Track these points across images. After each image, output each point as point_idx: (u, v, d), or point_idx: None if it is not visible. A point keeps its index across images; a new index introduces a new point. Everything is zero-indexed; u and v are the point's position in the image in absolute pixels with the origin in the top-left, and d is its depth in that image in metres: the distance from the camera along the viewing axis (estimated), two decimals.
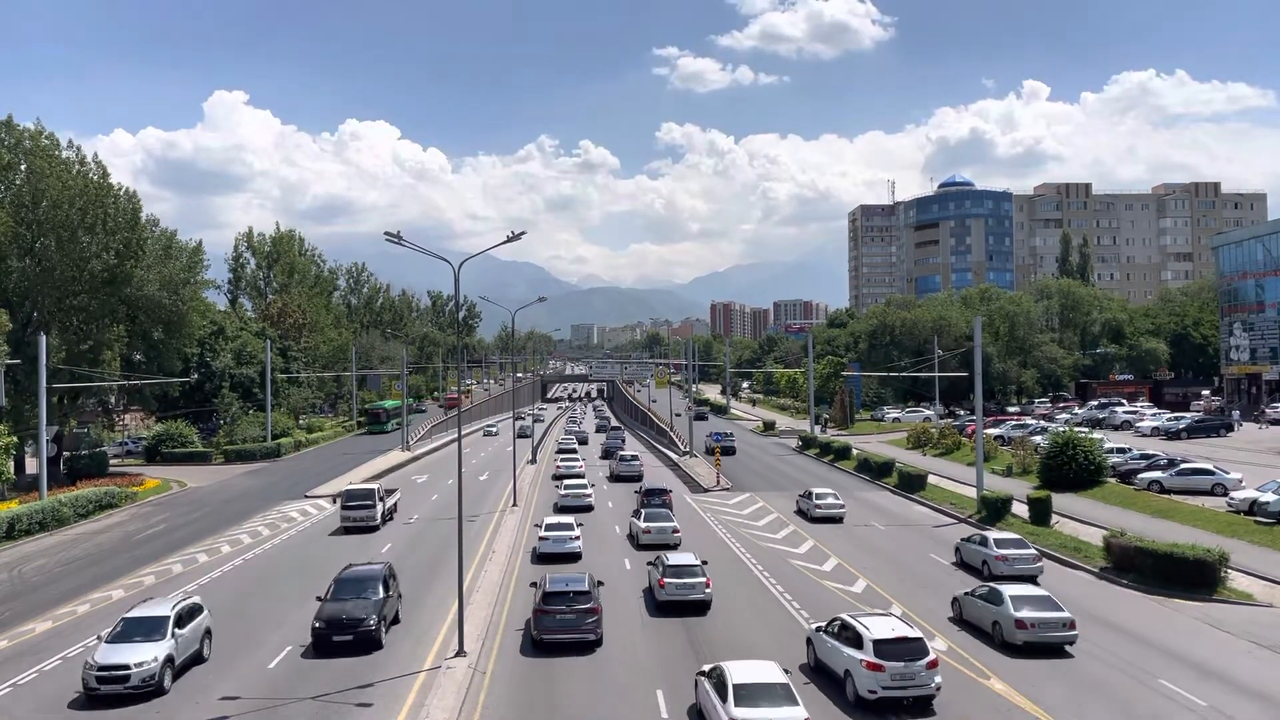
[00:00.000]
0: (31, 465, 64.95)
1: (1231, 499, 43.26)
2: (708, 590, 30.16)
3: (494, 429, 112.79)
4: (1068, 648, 25.82)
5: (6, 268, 61.29)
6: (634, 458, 69.94)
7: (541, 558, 37.60)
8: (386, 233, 27.14)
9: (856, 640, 22.19)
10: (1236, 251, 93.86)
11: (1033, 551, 34.94)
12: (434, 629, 28.16)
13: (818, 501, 47.86)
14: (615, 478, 65.65)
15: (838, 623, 23.59)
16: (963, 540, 37.63)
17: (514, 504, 52.77)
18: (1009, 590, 27.22)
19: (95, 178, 64.99)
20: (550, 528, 39.23)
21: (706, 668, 21.86)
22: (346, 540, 43.60)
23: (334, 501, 52.92)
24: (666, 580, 30.21)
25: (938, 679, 21.56)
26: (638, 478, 63.66)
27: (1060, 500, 45.42)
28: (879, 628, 22.36)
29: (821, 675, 23.44)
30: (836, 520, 46.97)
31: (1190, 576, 31.48)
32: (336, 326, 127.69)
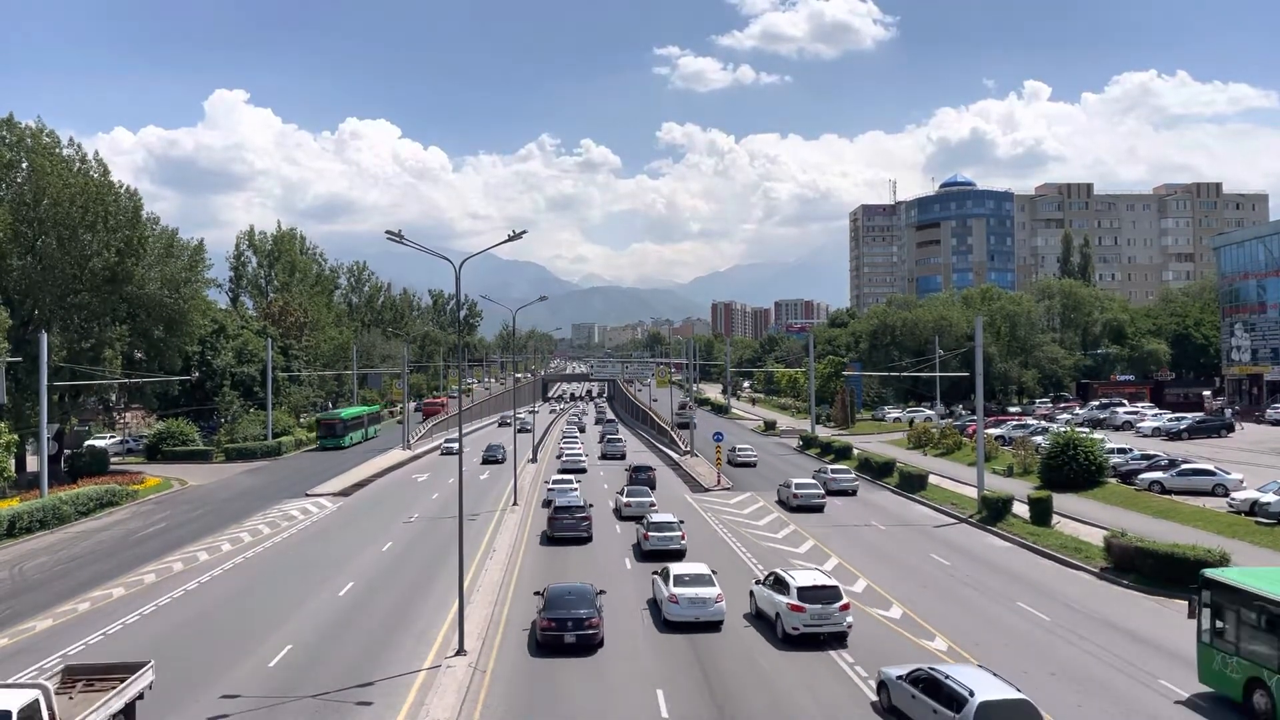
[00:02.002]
0: (33, 463, 64.99)
1: (1232, 500, 43.25)
2: (682, 541, 38.17)
3: (455, 443, 79.98)
4: (822, 509, 49.07)
5: (7, 266, 61.25)
6: (619, 440, 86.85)
7: (547, 504, 46.63)
8: (388, 231, 27.12)
9: (785, 588, 26.76)
10: (1238, 252, 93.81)
11: (851, 475, 57.50)
12: (434, 628, 28.17)
13: (740, 451, 69.88)
14: (603, 456, 79.46)
15: (772, 576, 28.28)
16: (815, 471, 59.45)
17: (514, 503, 52.79)
18: (795, 479, 52.06)
19: (96, 176, 65.00)
20: (556, 482, 54.06)
21: (657, 568, 31.36)
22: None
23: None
24: (650, 534, 38.21)
25: (849, 619, 26.14)
26: (621, 456, 78.23)
27: (1061, 500, 45.40)
28: (803, 578, 27.09)
29: (760, 620, 28.10)
30: (751, 465, 67.98)
31: (1191, 578, 31.38)
32: (337, 325, 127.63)
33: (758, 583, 29.23)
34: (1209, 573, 23.91)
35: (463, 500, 28.70)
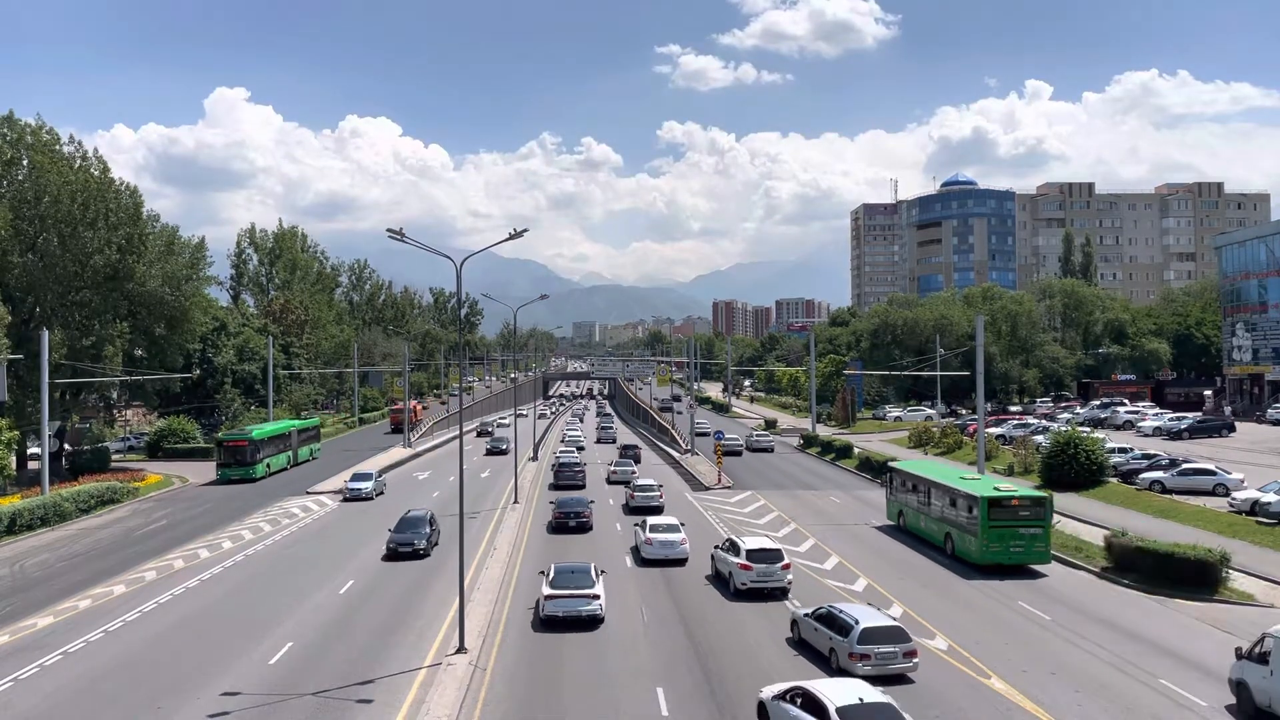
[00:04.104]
0: (34, 461, 64.98)
1: (1233, 499, 43.24)
2: (661, 500, 48.51)
3: (366, 483, 55.00)
4: (740, 454, 73.21)
5: (9, 263, 61.24)
6: (611, 428, 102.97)
7: (554, 466, 62.12)
8: (389, 229, 27.11)
9: (736, 550, 32.07)
10: (1239, 252, 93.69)
11: (769, 438, 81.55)
12: (435, 626, 28.19)
13: (698, 424, 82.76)
14: (598, 440, 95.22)
15: (728, 542, 33.73)
16: (745, 435, 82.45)
17: (515, 501, 52.76)
18: (725, 434, 76.28)
19: (96, 173, 64.97)
20: (562, 451, 70.48)
21: (637, 520, 40.88)
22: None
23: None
24: (635, 494, 49.06)
25: (790, 577, 31.37)
26: (612, 440, 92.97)
27: (1062, 500, 45.33)
28: (752, 542, 32.56)
29: (718, 580, 33.08)
30: (703, 434, 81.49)
31: (1191, 577, 31.42)
32: (338, 323, 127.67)
33: (717, 547, 34.49)
34: (890, 465, 48.29)
35: (463, 498, 28.72)
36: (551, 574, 29.06)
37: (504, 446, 76.26)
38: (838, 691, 18.51)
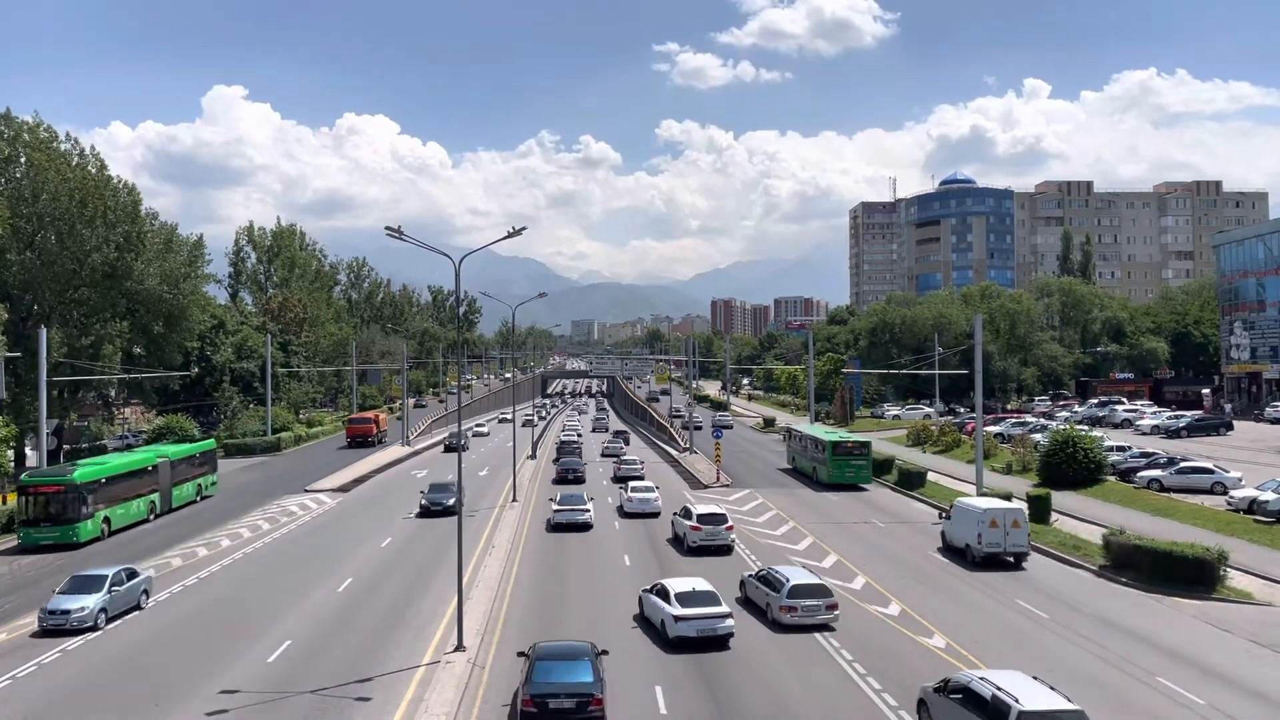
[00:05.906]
0: (32, 458, 64.83)
1: (1231, 498, 43.31)
2: (642, 470, 60.80)
3: (87, 598, 27.99)
4: (701, 429, 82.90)
5: (7, 261, 61.14)
6: (604, 420, 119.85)
7: (558, 446, 77.58)
8: (387, 228, 27.11)
9: (689, 515, 38.73)
10: (1238, 250, 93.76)
11: (729, 419, 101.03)
12: (433, 624, 28.20)
13: (684, 419, 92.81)
14: (594, 430, 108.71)
15: (683, 509, 40.72)
16: (711, 418, 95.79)
17: (514, 499, 52.78)
18: (700, 418, 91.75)
19: (94, 171, 64.88)
20: (565, 433, 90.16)
21: (622, 485, 51.89)
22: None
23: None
24: (621, 465, 62.41)
25: (732, 536, 38.35)
26: (606, 429, 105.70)
27: (1060, 498, 45.42)
28: (702, 509, 39.30)
29: (676, 540, 39.89)
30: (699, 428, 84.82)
31: (1189, 575, 31.47)
32: (337, 321, 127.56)
33: (675, 514, 41.21)
34: (787, 427, 74.40)
35: (462, 497, 28.71)
36: (558, 497, 45.02)
37: (449, 501, 47.04)
38: (680, 583, 26.82)
